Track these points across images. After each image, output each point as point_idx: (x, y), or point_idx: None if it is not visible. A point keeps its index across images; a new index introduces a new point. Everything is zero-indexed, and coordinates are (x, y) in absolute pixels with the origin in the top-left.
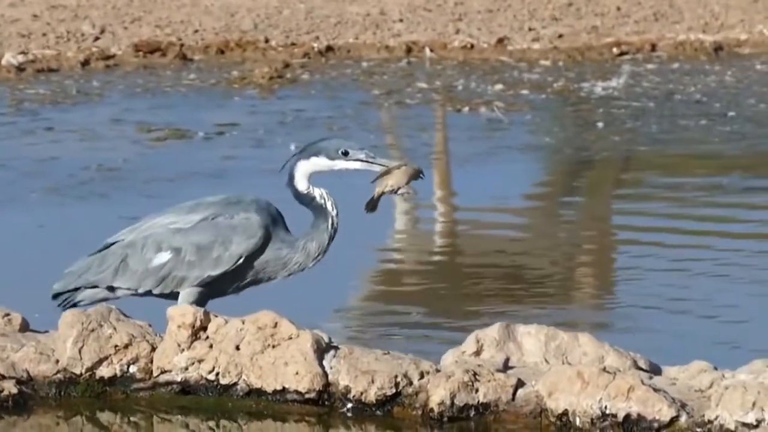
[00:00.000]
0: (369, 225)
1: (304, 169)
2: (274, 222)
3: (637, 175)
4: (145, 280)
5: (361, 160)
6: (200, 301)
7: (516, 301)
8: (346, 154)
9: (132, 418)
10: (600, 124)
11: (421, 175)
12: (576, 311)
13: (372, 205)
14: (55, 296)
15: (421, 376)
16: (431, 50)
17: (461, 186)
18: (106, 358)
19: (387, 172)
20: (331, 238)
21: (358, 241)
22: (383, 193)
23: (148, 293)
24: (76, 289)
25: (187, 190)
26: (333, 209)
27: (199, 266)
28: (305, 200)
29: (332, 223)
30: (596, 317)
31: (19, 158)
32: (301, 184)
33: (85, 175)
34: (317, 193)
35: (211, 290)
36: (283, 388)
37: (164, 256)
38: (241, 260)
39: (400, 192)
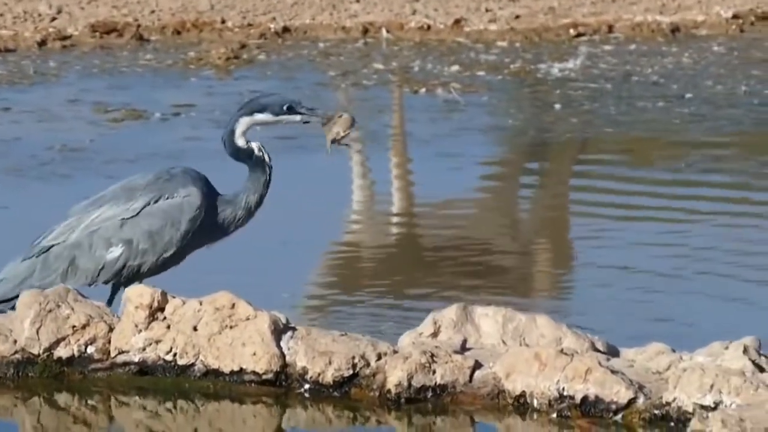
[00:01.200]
0: (325, 205)
1: (245, 124)
2: (208, 187)
3: (595, 157)
4: (99, 277)
5: (302, 113)
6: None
7: (474, 283)
8: (290, 109)
9: (90, 399)
10: (557, 106)
11: (355, 123)
12: (534, 293)
13: (330, 148)
14: None
15: (379, 357)
16: (388, 31)
17: (418, 167)
18: (63, 338)
19: (329, 120)
20: (266, 191)
21: (315, 221)
22: (334, 140)
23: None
24: (16, 297)
25: (148, 171)
26: (269, 161)
27: (152, 251)
28: (243, 155)
29: (269, 174)
30: (554, 299)
31: None
32: (241, 140)
33: (46, 156)
34: (255, 146)
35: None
36: (241, 368)
37: (116, 251)
38: (190, 234)
39: (344, 141)
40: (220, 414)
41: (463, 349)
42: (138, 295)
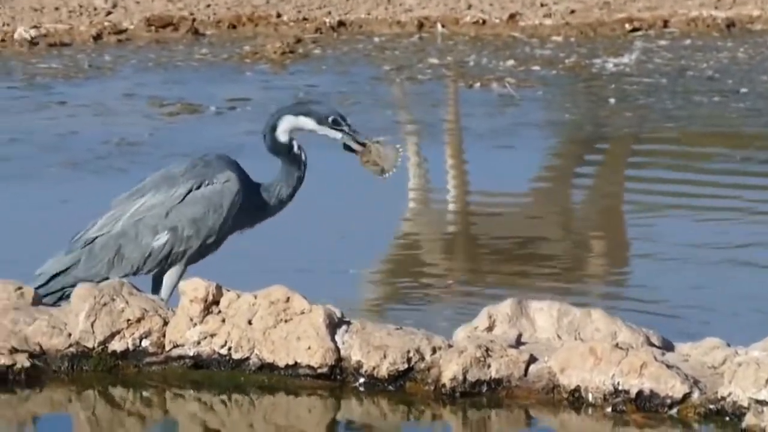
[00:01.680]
0: (380, 200)
1: (289, 123)
2: (243, 173)
3: (650, 151)
4: (144, 265)
5: (345, 132)
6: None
7: (529, 278)
8: (335, 122)
9: (144, 392)
10: (612, 101)
11: (399, 157)
12: (589, 287)
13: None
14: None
15: (434, 351)
16: (443, 26)
17: (473, 161)
18: (118, 332)
19: (366, 148)
20: (299, 186)
21: (370, 216)
22: (366, 163)
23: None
24: (62, 288)
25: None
26: (305, 159)
27: (196, 237)
28: (281, 150)
29: (303, 172)
30: (609, 293)
31: (34, 132)
32: (283, 136)
33: (102, 150)
34: (295, 144)
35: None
36: (295, 362)
37: (162, 238)
38: (230, 220)
39: (382, 174)
40: (275, 408)
41: (518, 343)
42: (193, 288)
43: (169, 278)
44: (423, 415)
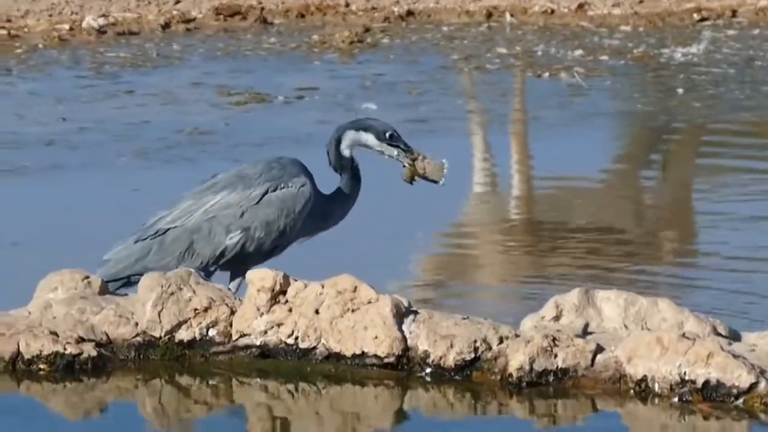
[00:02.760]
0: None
1: (351, 138)
2: (313, 180)
3: (719, 141)
4: (214, 262)
5: (400, 149)
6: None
7: (596, 267)
8: (391, 138)
9: (211, 381)
10: (680, 90)
11: (445, 170)
12: (657, 277)
13: (409, 179)
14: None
15: (501, 341)
16: (511, 15)
17: (541, 152)
18: (185, 321)
19: (415, 160)
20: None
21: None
22: (416, 175)
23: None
24: (129, 276)
25: (274, 155)
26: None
27: (267, 240)
28: (344, 164)
29: (359, 190)
30: (677, 283)
31: (103, 121)
32: (347, 151)
33: (172, 139)
34: (356, 159)
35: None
36: (362, 352)
37: (235, 237)
38: (299, 224)
39: (431, 178)
40: (341, 397)
41: (585, 332)
42: (260, 278)
43: (234, 278)
44: (490, 405)
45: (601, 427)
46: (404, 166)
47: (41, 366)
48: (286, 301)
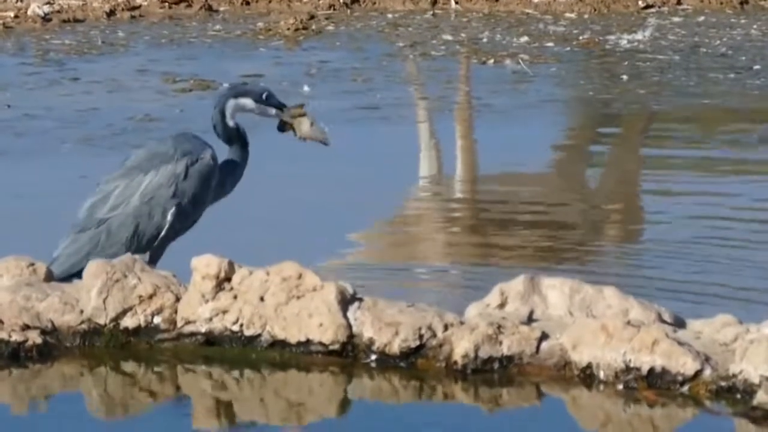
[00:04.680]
0: (389, 172)
1: (233, 107)
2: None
3: (664, 128)
4: (156, 242)
5: (276, 107)
6: None
7: (540, 254)
8: (268, 98)
9: (156, 369)
10: (625, 77)
11: (313, 122)
12: (601, 264)
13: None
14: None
15: (446, 328)
16: (456, 2)
17: (486, 137)
18: (130, 308)
19: (293, 117)
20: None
21: (377, 190)
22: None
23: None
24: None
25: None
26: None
27: (192, 213)
28: (231, 134)
29: (248, 154)
30: (621, 270)
31: (48, 108)
32: (231, 121)
33: (117, 126)
34: (239, 126)
35: None
36: (307, 339)
37: (171, 215)
38: (212, 194)
39: (314, 138)
40: (286, 384)
41: (530, 320)
42: (205, 265)
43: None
44: (435, 392)
45: (546, 414)
46: (282, 128)
47: None
48: (231, 288)
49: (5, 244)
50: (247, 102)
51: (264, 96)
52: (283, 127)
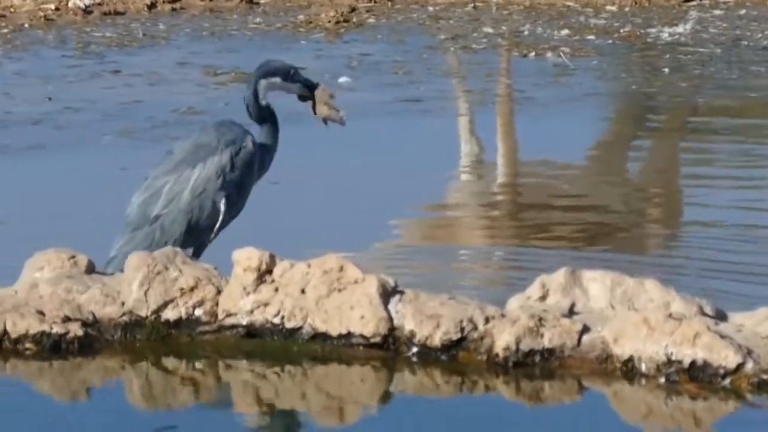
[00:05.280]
0: (428, 166)
1: (264, 86)
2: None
3: (705, 121)
4: (211, 235)
5: (302, 84)
6: None
7: (582, 247)
8: (294, 76)
9: (197, 361)
10: (666, 70)
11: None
12: (643, 257)
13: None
14: None
15: (487, 321)
16: None
17: (527, 131)
18: (171, 300)
19: (317, 98)
20: None
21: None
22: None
23: None
24: None
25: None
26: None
27: (240, 203)
28: (264, 114)
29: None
30: (663, 263)
31: (88, 101)
32: (263, 101)
33: (158, 119)
34: (271, 106)
35: None
36: (348, 332)
37: (223, 207)
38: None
39: (334, 118)
40: (327, 377)
41: (571, 313)
42: (246, 257)
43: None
44: (476, 385)
45: (588, 407)
46: (303, 98)
47: (27, 345)
48: (273, 281)
49: (46, 236)
50: (276, 80)
51: (291, 73)
52: (304, 99)
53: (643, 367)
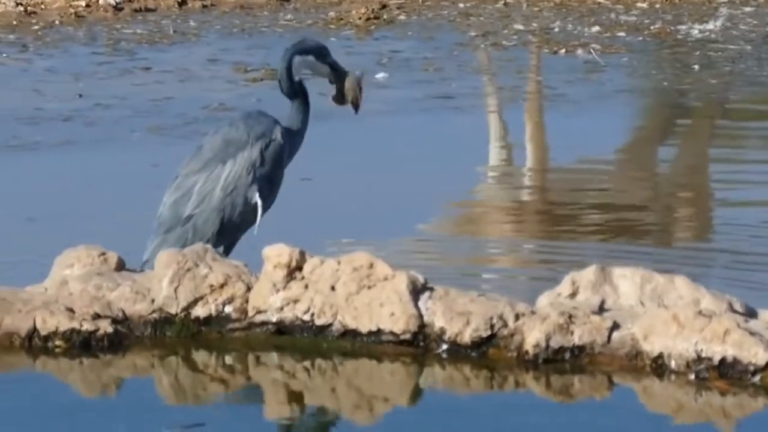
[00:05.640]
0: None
1: (298, 62)
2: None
3: (735, 119)
4: (243, 232)
5: (331, 66)
6: None
7: (612, 244)
8: (326, 56)
9: (227, 358)
10: (696, 67)
11: (360, 84)
12: (672, 254)
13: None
14: None
15: (517, 318)
16: None
17: (556, 127)
18: (201, 297)
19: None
20: None
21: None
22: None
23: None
24: None
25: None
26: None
27: (271, 197)
28: (295, 89)
29: (309, 113)
30: (692, 261)
31: (119, 97)
32: (297, 76)
33: (189, 115)
34: (303, 83)
35: None
36: (378, 329)
37: (255, 201)
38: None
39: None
40: (357, 373)
41: (601, 309)
42: (276, 254)
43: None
44: (506, 382)
45: (618, 404)
46: (331, 82)
47: (57, 342)
48: (302, 278)
49: (76, 233)
50: (310, 59)
51: (324, 54)
52: (332, 82)
53: (673, 364)
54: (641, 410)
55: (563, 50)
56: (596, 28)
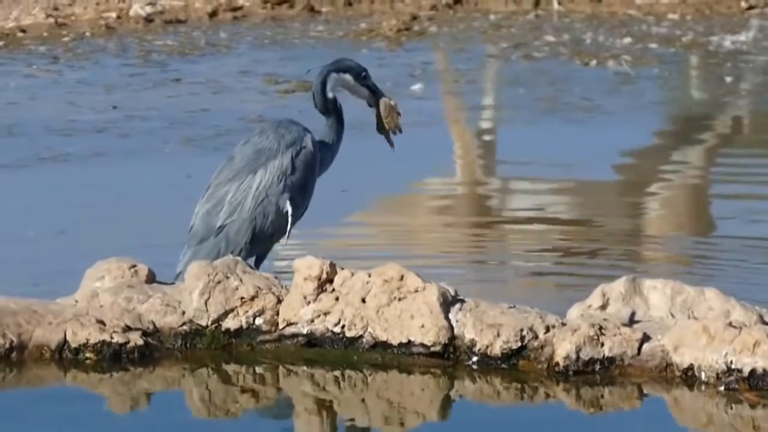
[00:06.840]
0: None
1: (334, 80)
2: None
3: (765, 130)
4: (275, 241)
5: (369, 88)
6: None
7: (642, 256)
8: (365, 78)
9: (258, 370)
10: (728, 78)
11: (395, 110)
12: (703, 267)
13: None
14: None
15: (547, 329)
16: (559, 3)
17: (586, 138)
18: (232, 310)
19: (385, 109)
20: None
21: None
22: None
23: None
24: None
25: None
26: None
27: (302, 204)
28: (328, 105)
29: (344, 131)
30: (723, 272)
31: (155, 109)
32: (331, 93)
33: (222, 127)
34: (337, 101)
35: None
36: (409, 341)
37: (287, 210)
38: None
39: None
40: (388, 385)
41: (632, 321)
42: (307, 266)
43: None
44: (536, 393)
45: (648, 415)
46: (370, 105)
47: (88, 355)
48: (333, 290)
49: (108, 244)
50: (347, 78)
51: (363, 75)
52: (371, 105)
53: (703, 376)
54: (671, 422)
55: (594, 62)
56: (627, 40)
